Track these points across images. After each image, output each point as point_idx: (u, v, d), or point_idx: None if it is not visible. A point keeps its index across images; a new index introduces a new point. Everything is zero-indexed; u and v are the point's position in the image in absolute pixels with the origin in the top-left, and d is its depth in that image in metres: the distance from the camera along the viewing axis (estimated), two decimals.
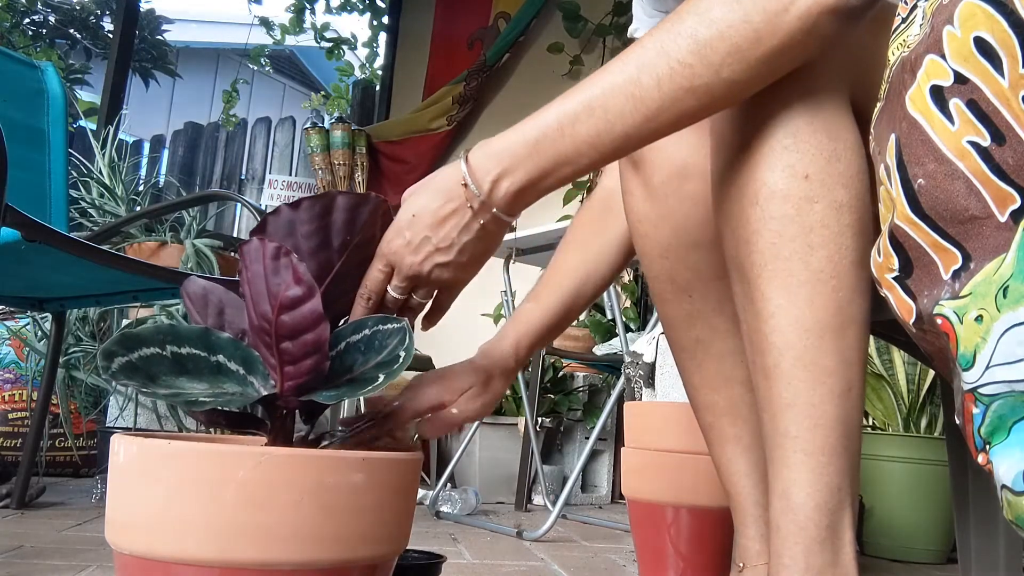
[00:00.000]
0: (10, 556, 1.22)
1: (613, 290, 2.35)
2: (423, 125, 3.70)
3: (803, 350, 0.61)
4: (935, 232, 0.46)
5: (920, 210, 0.47)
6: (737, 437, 0.76)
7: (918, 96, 0.46)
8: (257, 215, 1.78)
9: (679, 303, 0.77)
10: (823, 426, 0.61)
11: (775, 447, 0.62)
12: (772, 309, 0.62)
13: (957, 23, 0.44)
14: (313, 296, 0.56)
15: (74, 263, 1.38)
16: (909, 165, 0.47)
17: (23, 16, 4.74)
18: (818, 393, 0.61)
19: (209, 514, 0.51)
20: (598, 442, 2.50)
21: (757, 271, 0.63)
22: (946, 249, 0.46)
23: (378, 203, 0.64)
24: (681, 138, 0.74)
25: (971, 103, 0.44)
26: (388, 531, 0.57)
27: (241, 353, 0.60)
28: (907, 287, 0.49)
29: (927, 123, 0.46)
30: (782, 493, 0.62)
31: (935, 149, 0.45)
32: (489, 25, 3.67)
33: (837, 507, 0.61)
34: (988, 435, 0.44)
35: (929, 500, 1.81)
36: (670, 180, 0.75)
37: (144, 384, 0.56)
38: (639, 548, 1.39)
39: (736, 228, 0.64)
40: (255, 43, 4.92)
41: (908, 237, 0.48)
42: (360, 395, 0.59)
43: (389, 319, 0.62)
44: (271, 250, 0.57)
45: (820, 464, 0.60)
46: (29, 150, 1.79)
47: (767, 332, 0.62)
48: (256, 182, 4.27)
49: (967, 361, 0.45)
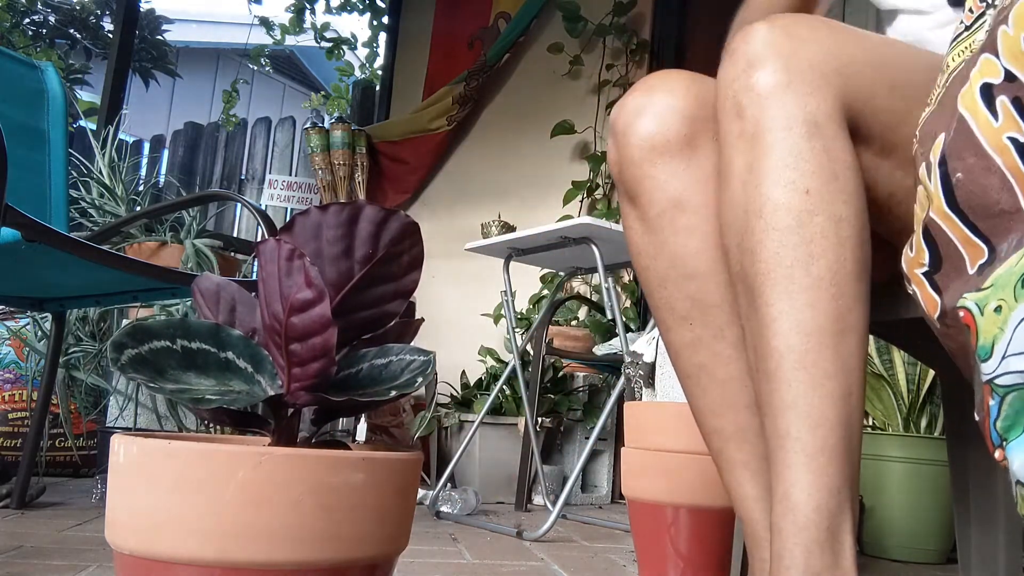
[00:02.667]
0: (10, 556, 1.22)
1: (613, 290, 2.35)
2: (423, 125, 3.69)
3: (804, 353, 0.62)
4: (966, 226, 0.47)
5: (955, 204, 0.48)
6: (745, 463, 0.77)
7: (968, 94, 0.47)
8: (257, 215, 1.78)
9: (681, 331, 0.79)
10: (823, 427, 0.61)
11: (776, 448, 0.63)
12: (775, 314, 0.63)
13: (1011, 22, 0.45)
14: (323, 300, 0.56)
15: (74, 263, 1.38)
16: (950, 160, 0.48)
17: (23, 16, 4.74)
18: (818, 395, 0.62)
19: (209, 514, 0.51)
20: (598, 442, 2.50)
21: (761, 279, 0.65)
22: (975, 244, 0.47)
23: (407, 224, 0.63)
24: (675, 174, 0.76)
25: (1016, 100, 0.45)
26: (388, 531, 0.57)
27: (251, 351, 0.60)
28: (935, 282, 0.50)
29: (973, 119, 0.47)
30: (783, 495, 0.62)
31: (976, 144, 0.46)
32: (489, 25, 3.67)
33: (837, 509, 0.61)
34: (1004, 431, 0.44)
35: (929, 500, 1.81)
36: (665, 213, 0.77)
37: (152, 378, 0.56)
38: (639, 548, 1.39)
39: (742, 240, 0.67)
40: (255, 43, 4.92)
41: (941, 231, 0.49)
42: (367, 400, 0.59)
43: (418, 351, 0.62)
44: (286, 251, 0.57)
45: (820, 465, 0.61)
46: (29, 150, 1.79)
47: (769, 337, 0.64)
48: (256, 182, 4.26)
49: (986, 352, 0.45)
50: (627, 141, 0.77)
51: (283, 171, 4.21)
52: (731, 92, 0.68)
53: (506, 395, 2.61)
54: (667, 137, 0.76)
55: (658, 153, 0.76)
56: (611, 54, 3.26)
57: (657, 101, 0.77)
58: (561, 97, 3.37)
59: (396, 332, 0.68)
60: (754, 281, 0.66)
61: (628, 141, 0.77)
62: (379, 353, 0.63)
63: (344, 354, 0.64)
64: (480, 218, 2.97)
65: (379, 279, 0.65)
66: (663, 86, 0.77)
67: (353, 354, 0.64)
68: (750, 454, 0.77)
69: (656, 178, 0.76)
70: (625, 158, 0.77)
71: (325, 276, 0.61)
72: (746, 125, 0.67)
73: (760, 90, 0.66)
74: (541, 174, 3.35)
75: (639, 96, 0.78)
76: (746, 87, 0.67)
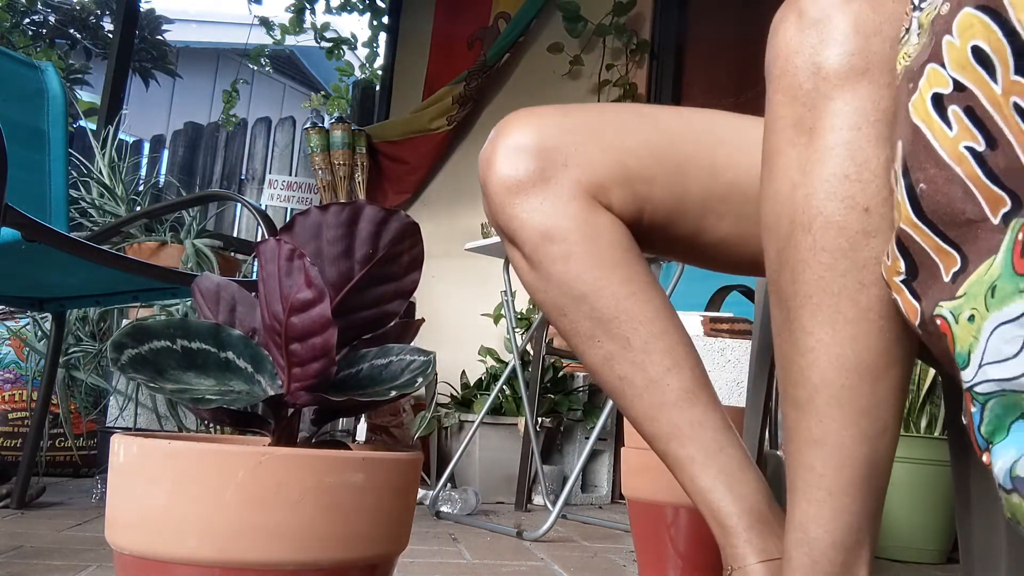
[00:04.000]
0: (10, 556, 1.22)
1: None
2: (423, 125, 3.70)
3: (840, 389, 0.58)
4: (936, 235, 0.47)
5: (922, 214, 0.48)
6: (691, 458, 0.75)
7: (920, 104, 0.48)
8: (257, 215, 1.78)
9: (592, 350, 0.79)
10: (850, 467, 0.59)
11: (798, 478, 0.61)
12: (812, 343, 0.59)
13: (956, 33, 0.45)
14: (323, 300, 0.56)
15: (74, 263, 1.38)
16: (912, 170, 0.48)
17: (23, 16, 4.74)
18: (849, 434, 0.59)
19: (209, 514, 0.51)
20: (598, 442, 2.50)
21: (800, 301, 0.59)
22: (947, 252, 0.47)
23: (407, 224, 0.63)
24: (536, 208, 0.77)
25: (968, 109, 0.45)
26: (388, 531, 0.57)
27: (251, 351, 0.60)
28: (913, 289, 0.50)
29: (928, 130, 0.47)
30: (799, 525, 0.60)
31: (935, 155, 0.46)
32: (489, 25, 3.67)
33: (855, 545, 0.60)
34: (990, 434, 0.45)
35: (929, 500, 1.81)
36: (539, 247, 0.78)
37: (151, 378, 0.56)
38: (639, 548, 1.39)
39: (783, 250, 0.61)
40: (255, 43, 4.92)
41: (912, 240, 0.49)
42: (367, 400, 0.59)
43: (419, 351, 0.62)
44: (286, 251, 0.57)
45: (843, 504, 0.59)
46: (29, 150, 1.80)
47: (803, 366, 0.60)
48: (256, 182, 4.26)
49: (963, 360, 0.46)
50: (489, 190, 0.79)
51: (283, 171, 4.21)
52: (790, 64, 0.58)
53: (506, 395, 2.61)
54: (518, 178, 0.77)
55: (514, 194, 0.77)
56: (611, 54, 3.26)
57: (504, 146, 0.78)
58: (561, 97, 3.36)
59: (396, 332, 0.68)
60: (792, 302, 0.60)
61: (490, 190, 0.79)
62: (379, 353, 0.63)
63: (344, 354, 0.64)
64: (480, 218, 2.96)
65: (379, 279, 0.65)
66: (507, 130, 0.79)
67: (353, 354, 0.64)
68: (693, 448, 0.75)
69: (520, 216, 0.77)
70: (493, 205, 0.79)
71: (325, 276, 0.61)
72: (805, 113, 0.58)
73: (830, 72, 0.56)
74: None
75: (489, 146, 0.80)
76: (812, 64, 0.57)
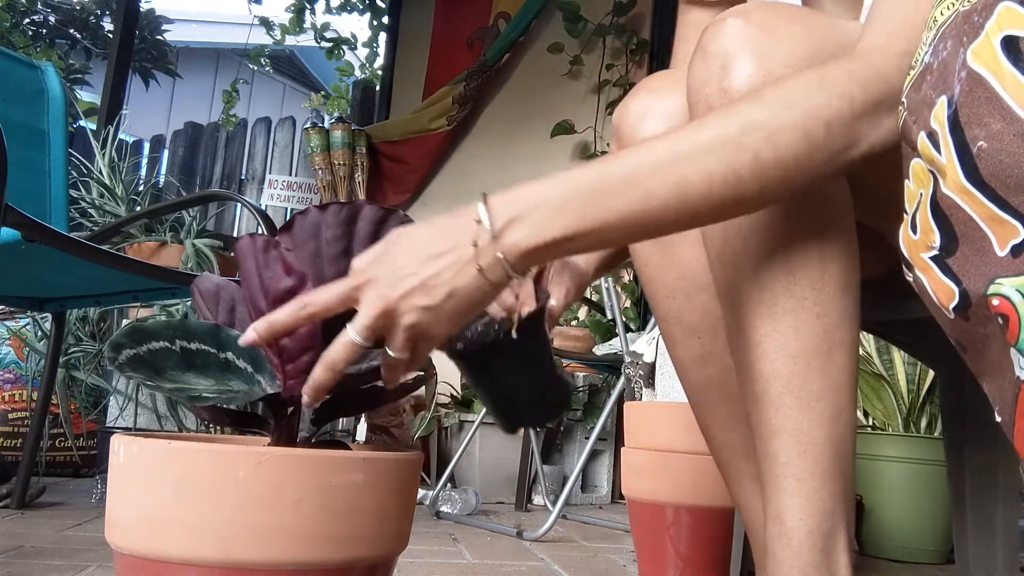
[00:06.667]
0: (10, 556, 1.22)
1: (613, 290, 2.35)
2: (423, 125, 3.70)
3: (790, 376, 0.61)
4: (993, 202, 0.41)
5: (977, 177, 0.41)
6: (753, 476, 0.76)
7: (985, 49, 0.41)
8: (257, 215, 1.78)
9: (689, 344, 0.77)
10: (813, 451, 0.61)
11: (767, 471, 0.63)
12: (759, 337, 0.62)
13: None
14: (304, 286, 0.56)
15: (74, 263, 1.38)
16: (968, 127, 0.42)
17: (23, 16, 4.74)
18: (807, 418, 0.61)
19: (209, 514, 0.51)
20: (598, 442, 2.50)
21: (743, 298, 0.63)
22: (1004, 221, 0.41)
23: (405, 223, 0.63)
24: None
25: None
26: (388, 531, 0.57)
27: (250, 351, 0.60)
28: (947, 267, 0.45)
29: (994, 78, 0.41)
30: (775, 518, 0.62)
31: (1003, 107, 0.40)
32: (489, 25, 3.67)
33: (830, 531, 0.61)
34: None
35: (929, 500, 1.81)
36: None
37: (149, 377, 0.56)
38: (639, 548, 1.39)
39: (721, 253, 0.65)
40: (255, 43, 4.92)
41: (958, 209, 0.43)
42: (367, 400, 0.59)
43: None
44: (261, 243, 0.56)
45: (812, 489, 0.60)
46: (29, 150, 1.79)
47: (754, 360, 0.63)
48: (256, 182, 4.27)
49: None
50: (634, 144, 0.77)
51: (283, 171, 4.21)
52: (703, 96, 0.63)
53: None
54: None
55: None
56: (611, 54, 3.26)
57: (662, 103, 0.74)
58: (561, 97, 3.37)
59: None
60: (735, 299, 0.64)
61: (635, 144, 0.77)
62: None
63: None
64: None
65: None
66: (667, 87, 0.75)
67: None
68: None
69: None
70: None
71: (324, 275, 0.60)
72: None
73: (735, 95, 0.61)
74: (541, 174, 3.34)
75: (643, 98, 0.76)
76: (720, 91, 0.62)
